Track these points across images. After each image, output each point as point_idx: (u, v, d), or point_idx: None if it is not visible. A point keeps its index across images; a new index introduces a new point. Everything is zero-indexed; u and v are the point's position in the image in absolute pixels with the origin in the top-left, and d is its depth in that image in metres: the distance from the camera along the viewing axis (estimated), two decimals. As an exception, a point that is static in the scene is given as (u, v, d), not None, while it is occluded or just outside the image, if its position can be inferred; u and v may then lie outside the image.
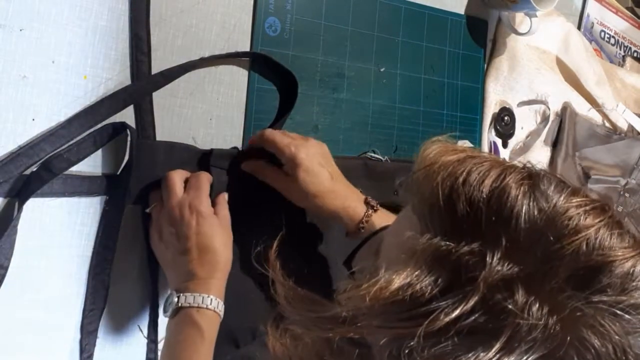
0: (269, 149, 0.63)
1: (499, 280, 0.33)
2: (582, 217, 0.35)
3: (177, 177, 0.59)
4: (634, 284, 0.34)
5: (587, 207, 0.35)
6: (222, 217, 0.60)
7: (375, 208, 0.64)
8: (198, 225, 0.57)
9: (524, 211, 0.35)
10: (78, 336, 0.59)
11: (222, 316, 0.57)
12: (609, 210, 0.37)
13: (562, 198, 0.35)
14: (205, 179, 0.60)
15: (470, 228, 0.35)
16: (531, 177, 0.37)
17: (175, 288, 0.57)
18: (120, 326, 0.61)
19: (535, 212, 0.35)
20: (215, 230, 0.58)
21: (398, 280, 0.34)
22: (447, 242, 0.35)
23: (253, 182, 0.65)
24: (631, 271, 0.34)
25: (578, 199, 0.36)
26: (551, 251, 0.34)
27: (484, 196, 0.36)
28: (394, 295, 0.34)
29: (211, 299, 0.55)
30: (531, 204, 0.35)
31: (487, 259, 0.33)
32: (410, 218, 0.39)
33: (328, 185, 0.62)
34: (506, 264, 0.33)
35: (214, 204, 0.61)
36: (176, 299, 0.55)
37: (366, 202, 0.64)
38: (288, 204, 0.65)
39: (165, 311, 0.57)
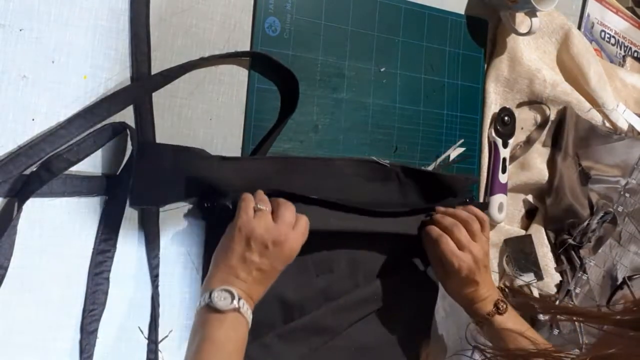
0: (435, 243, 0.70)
1: None
2: None
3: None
4: None
5: None
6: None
7: (501, 312, 0.70)
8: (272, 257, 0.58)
9: None
10: (78, 336, 0.59)
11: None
12: None
13: None
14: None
15: None
16: None
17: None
18: (120, 326, 0.61)
19: None
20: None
21: None
22: None
23: None
24: None
25: None
26: None
27: None
28: None
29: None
30: None
31: None
32: None
33: (470, 290, 0.71)
34: None
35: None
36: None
37: (495, 304, 0.71)
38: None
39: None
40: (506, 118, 0.87)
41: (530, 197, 0.93)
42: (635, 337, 0.40)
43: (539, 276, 0.90)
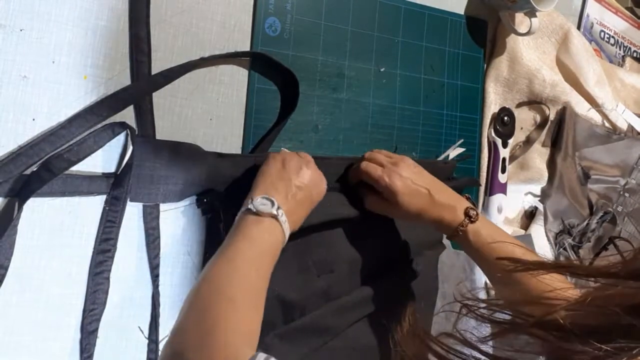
0: (367, 181, 0.68)
1: None
2: None
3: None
4: None
5: None
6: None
7: (473, 219, 0.66)
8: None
9: None
10: (78, 336, 0.59)
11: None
12: None
13: None
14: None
15: None
16: None
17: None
18: (120, 326, 0.61)
19: None
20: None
21: None
22: None
23: None
24: None
25: None
26: None
27: None
28: None
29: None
30: None
31: None
32: None
33: (427, 200, 0.67)
34: None
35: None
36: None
37: (466, 212, 0.66)
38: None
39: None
40: (506, 118, 0.87)
41: (530, 197, 0.94)
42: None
43: (539, 276, 0.90)
